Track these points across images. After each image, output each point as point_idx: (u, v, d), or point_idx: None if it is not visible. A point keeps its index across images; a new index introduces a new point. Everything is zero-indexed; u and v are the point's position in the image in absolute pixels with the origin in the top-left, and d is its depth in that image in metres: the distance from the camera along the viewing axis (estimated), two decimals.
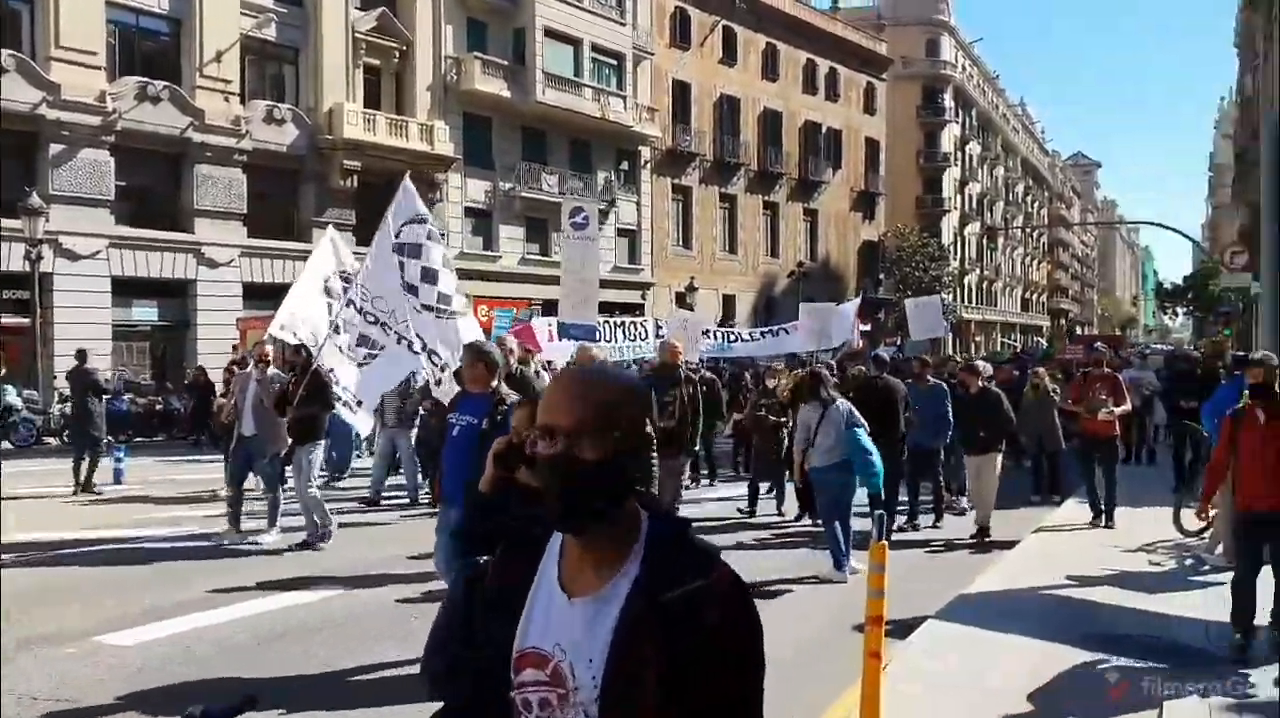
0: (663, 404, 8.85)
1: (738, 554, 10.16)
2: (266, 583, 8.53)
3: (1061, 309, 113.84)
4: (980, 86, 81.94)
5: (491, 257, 34.56)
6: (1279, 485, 6.28)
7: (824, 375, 9.82)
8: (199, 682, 5.97)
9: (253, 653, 6.64)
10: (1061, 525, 11.53)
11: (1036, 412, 13.95)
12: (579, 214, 14.75)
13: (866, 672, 5.20)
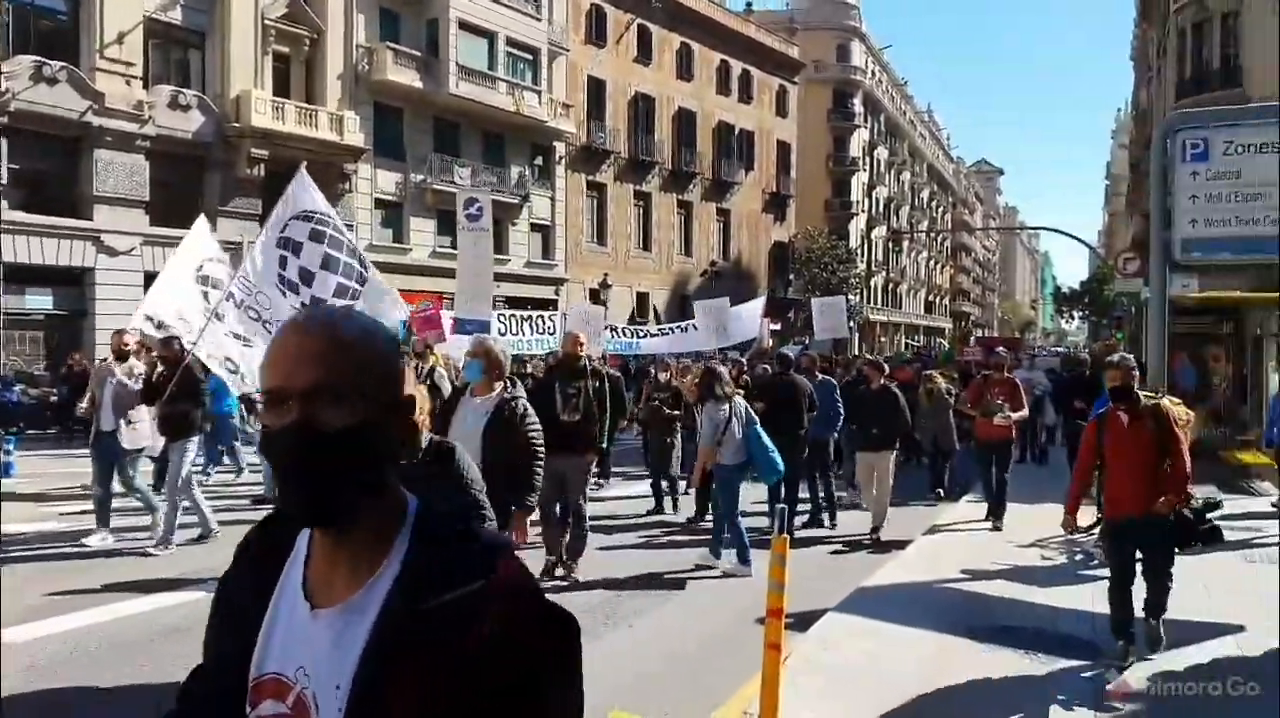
0: (567, 398, 8.58)
1: (642, 553, 10.28)
2: (160, 580, 8.37)
3: (964, 312, 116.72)
4: (889, 92, 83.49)
5: (402, 249, 34.14)
6: (1144, 488, 6.24)
7: (719, 373, 9.78)
8: (89, 680, 5.85)
9: (145, 649, 6.52)
10: (957, 523, 11.89)
11: (931, 413, 14.32)
12: (473, 205, 14.39)
13: (766, 663, 5.31)
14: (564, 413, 8.47)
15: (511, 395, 6.08)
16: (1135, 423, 6.36)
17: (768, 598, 5.41)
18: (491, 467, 5.42)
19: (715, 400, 9.32)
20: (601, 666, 6.47)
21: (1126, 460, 6.32)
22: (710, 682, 6.11)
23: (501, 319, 18.93)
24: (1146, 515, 6.17)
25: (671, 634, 7.25)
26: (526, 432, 6.04)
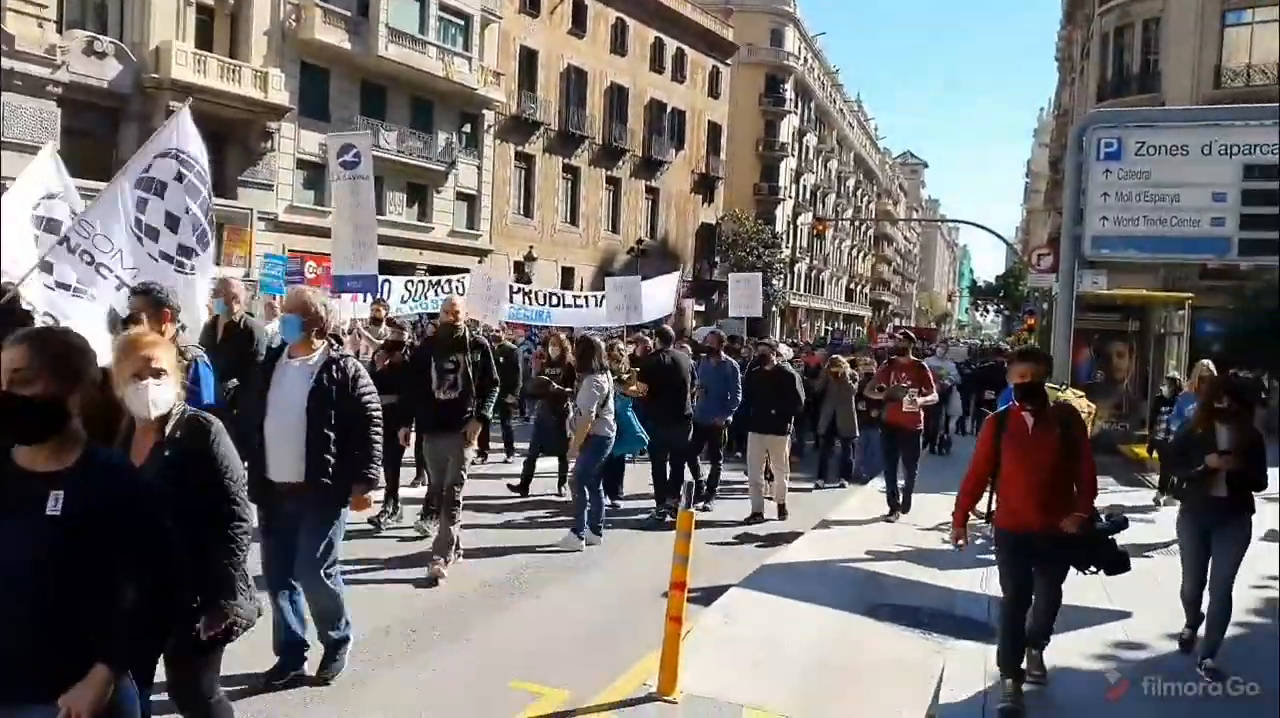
0: (443, 373, 7.78)
1: (549, 531, 10.23)
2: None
3: (883, 301, 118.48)
4: (820, 80, 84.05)
5: (324, 211, 33.32)
6: (1048, 499, 5.39)
7: (597, 344, 9.64)
8: None
9: None
10: (857, 512, 11.56)
11: (835, 397, 13.98)
12: (349, 151, 12.80)
13: (667, 636, 5.38)
14: (440, 389, 7.75)
15: (339, 354, 5.37)
16: (1042, 425, 5.49)
17: (671, 571, 5.47)
18: (320, 438, 5.13)
19: (593, 372, 9.22)
20: (505, 636, 6.47)
21: (1029, 466, 5.41)
22: (612, 653, 6.14)
23: (409, 285, 18.43)
24: (1048, 530, 5.34)
25: (575, 607, 7.27)
26: (360, 396, 5.33)
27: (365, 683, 5.43)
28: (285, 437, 5.16)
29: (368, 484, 5.38)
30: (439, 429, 7.79)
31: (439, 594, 7.23)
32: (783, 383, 11.13)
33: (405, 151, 36.09)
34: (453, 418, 7.75)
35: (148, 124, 27.35)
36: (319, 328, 5.38)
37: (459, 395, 7.76)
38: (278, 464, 5.18)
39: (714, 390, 11.41)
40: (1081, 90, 43.01)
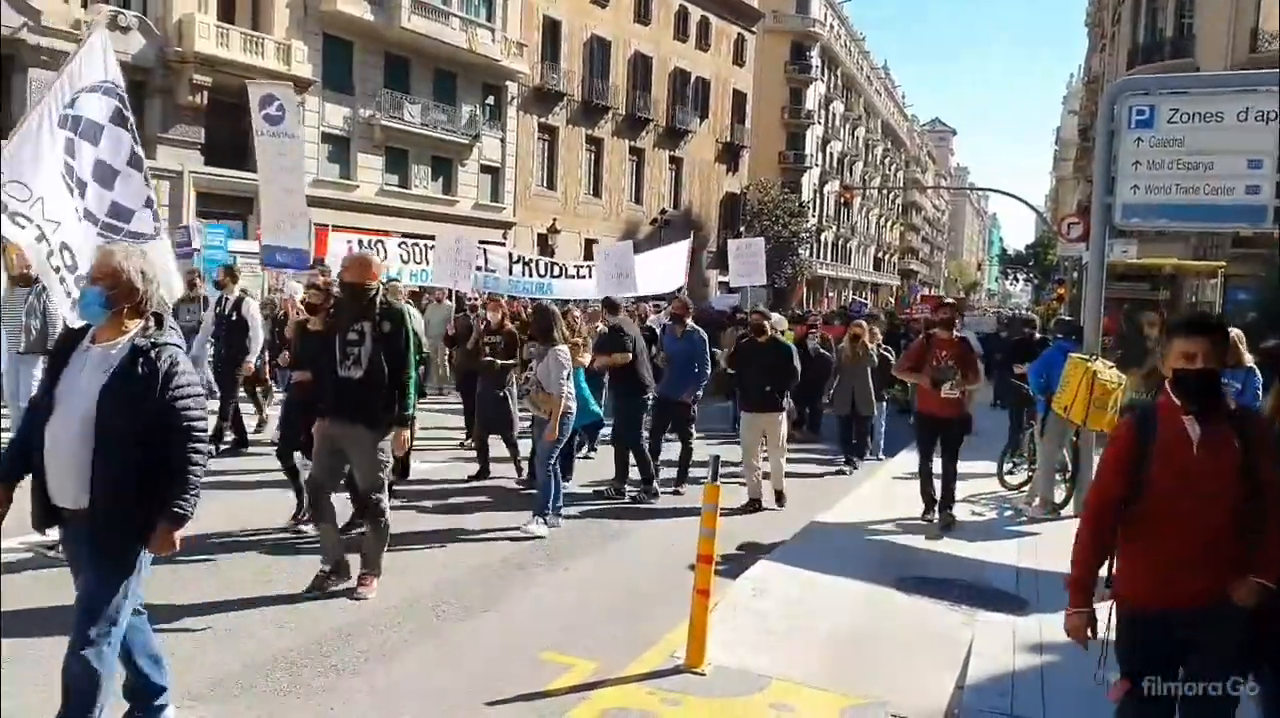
0: (345, 344, 6.32)
1: (586, 504, 10.22)
2: None
3: (911, 270, 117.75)
4: (847, 47, 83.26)
5: (349, 185, 33.55)
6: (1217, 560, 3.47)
7: (554, 312, 8.82)
8: None
9: None
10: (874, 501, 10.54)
11: (852, 370, 12.97)
12: (271, 104, 11.35)
13: (694, 608, 5.38)
14: (342, 366, 6.30)
15: (152, 342, 3.86)
16: (1213, 437, 3.51)
17: (699, 544, 5.46)
18: (110, 452, 3.74)
19: (555, 343, 8.46)
20: (533, 608, 6.49)
21: (1191, 504, 3.49)
22: (640, 626, 6.16)
23: (403, 247, 17.82)
24: (1213, 605, 3.54)
25: (602, 579, 7.28)
26: (173, 400, 3.82)
27: (394, 655, 5.46)
28: (68, 447, 3.79)
29: (173, 522, 3.84)
30: (337, 415, 6.36)
31: (467, 567, 7.26)
32: (777, 356, 10.13)
33: (429, 124, 36.06)
34: (354, 402, 6.27)
35: (171, 98, 27.57)
36: (132, 304, 3.96)
37: (364, 375, 6.26)
38: (59, 484, 3.83)
39: (678, 364, 10.60)
40: (1112, 56, 42.32)
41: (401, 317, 6.43)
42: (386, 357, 6.28)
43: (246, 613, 5.96)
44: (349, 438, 6.36)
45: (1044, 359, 10.46)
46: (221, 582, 6.57)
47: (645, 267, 17.56)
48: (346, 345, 6.29)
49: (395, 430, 6.40)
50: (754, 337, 10.38)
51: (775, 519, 9.52)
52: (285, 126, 11.34)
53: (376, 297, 6.39)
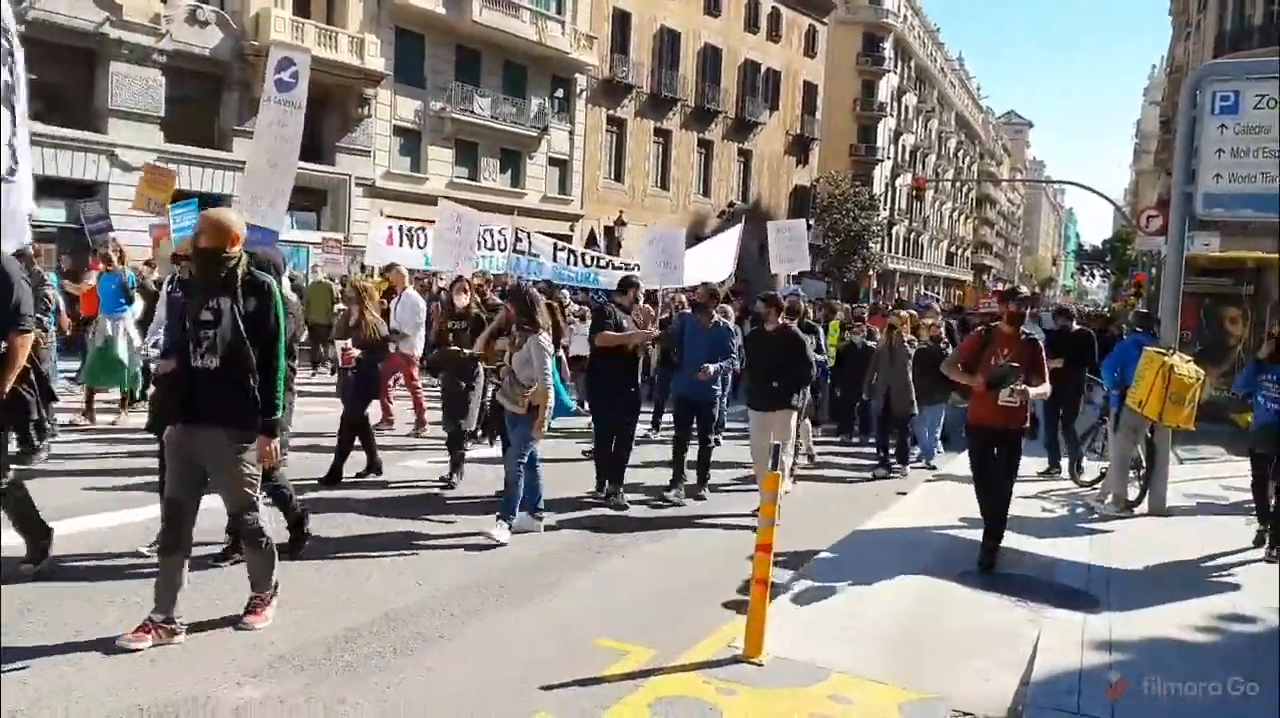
0: (199, 329, 5.01)
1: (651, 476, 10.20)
2: None
3: (985, 265, 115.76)
4: (920, 38, 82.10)
5: (419, 178, 33.92)
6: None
7: (536, 296, 8.07)
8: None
9: None
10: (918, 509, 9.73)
11: (889, 364, 11.85)
12: (287, 69, 10.46)
13: (754, 598, 5.32)
14: (196, 354, 5.01)
15: None
16: None
17: (758, 534, 5.40)
18: None
19: (538, 330, 7.66)
20: (590, 595, 6.47)
21: None
22: (698, 615, 6.10)
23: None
24: None
25: (660, 568, 7.24)
26: None
27: (451, 638, 5.48)
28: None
29: None
30: (191, 416, 5.09)
31: (524, 552, 7.26)
32: (787, 348, 8.93)
33: (499, 117, 36.29)
34: (208, 400, 5.03)
35: (248, 91, 28.02)
36: None
37: (220, 365, 5.00)
38: None
39: (699, 357, 9.37)
40: (1197, 44, 41.14)
41: (270, 291, 5.14)
42: (251, 342, 5.04)
43: (307, 593, 6.04)
44: (205, 446, 5.09)
45: (1118, 353, 10.20)
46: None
47: (697, 257, 16.97)
48: (200, 328, 5.00)
49: (260, 440, 5.13)
50: (759, 325, 9.25)
51: (820, 521, 9.38)
52: (294, 95, 10.51)
53: (238, 267, 5.08)
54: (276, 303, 5.16)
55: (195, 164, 26.94)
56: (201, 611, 5.40)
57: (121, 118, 25.47)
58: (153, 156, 25.68)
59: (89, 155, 24.87)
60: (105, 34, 24.73)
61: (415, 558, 6.95)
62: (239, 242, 5.16)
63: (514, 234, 17.46)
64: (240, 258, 5.13)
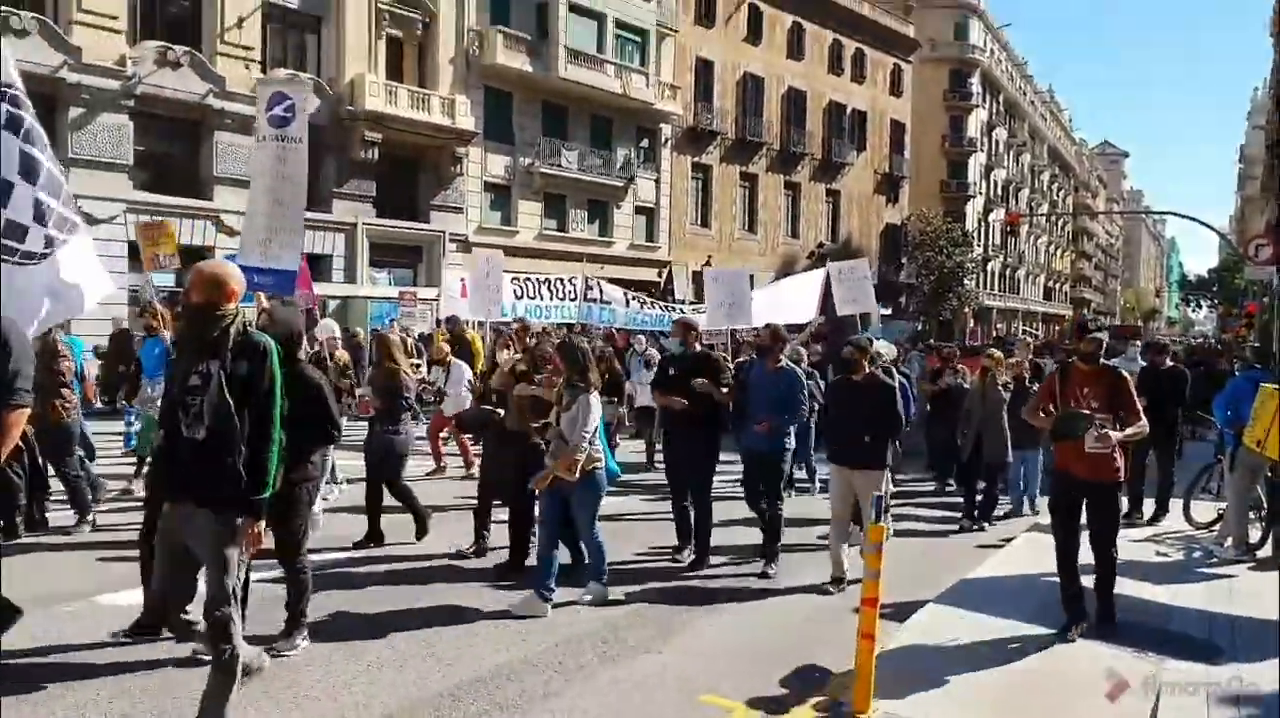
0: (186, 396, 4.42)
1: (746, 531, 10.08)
2: None
3: (1084, 299, 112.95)
4: (1008, 72, 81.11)
5: (509, 231, 34.55)
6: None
7: (586, 349, 7.46)
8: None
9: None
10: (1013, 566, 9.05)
11: (982, 409, 10.87)
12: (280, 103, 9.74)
13: (860, 653, 5.19)
14: (185, 425, 4.40)
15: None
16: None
17: (863, 587, 5.28)
18: None
19: (586, 389, 7.10)
20: (694, 649, 6.39)
21: None
22: (804, 670, 5.98)
23: (516, 282, 17.07)
24: None
25: (764, 621, 7.12)
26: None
27: (557, 694, 5.47)
28: None
29: None
30: (179, 492, 4.55)
31: (626, 606, 7.22)
32: (877, 398, 7.98)
33: (586, 169, 36.83)
34: (196, 475, 4.43)
35: (345, 155, 28.97)
36: None
37: (206, 435, 4.39)
38: None
39: (760, 407, 8.54)
40: None
41: (265, 353, 4.56)
42: (241, 410, 4.45)
43: (411, 649, 6.08)
44: (190, 527, 4.51)
45: (1231, 390, 9.81)
46: (388, 617, 6.72)
47: (769, 295, 16.59)
48: (187, 394, 4.45)
49: (244, 522, 4.50)
50: (847, 374, 8.27)
51: (916, 573, 9.12)
52: (292, 130, 9.85)
53: (231, 325, 4.53)
54: (272, 366, 4.57)
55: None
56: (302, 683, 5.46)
57: (226, 184, 26.48)
58: None
59: (196, 221, 25.86)
60: (209, 105, 25.82)
61: (505, 618, 6.89)
62: (235, 297, 4.60)
63: (584, 282, 17.22)
64: (236, 315, 4.56)
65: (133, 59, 24.35)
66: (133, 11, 25.07)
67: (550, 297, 16.67)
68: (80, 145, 23.67)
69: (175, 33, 25.74)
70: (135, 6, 25.23)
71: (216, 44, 26.17)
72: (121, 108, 24.30)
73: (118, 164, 24.39)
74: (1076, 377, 6.79)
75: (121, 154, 24.44)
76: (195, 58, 25.63)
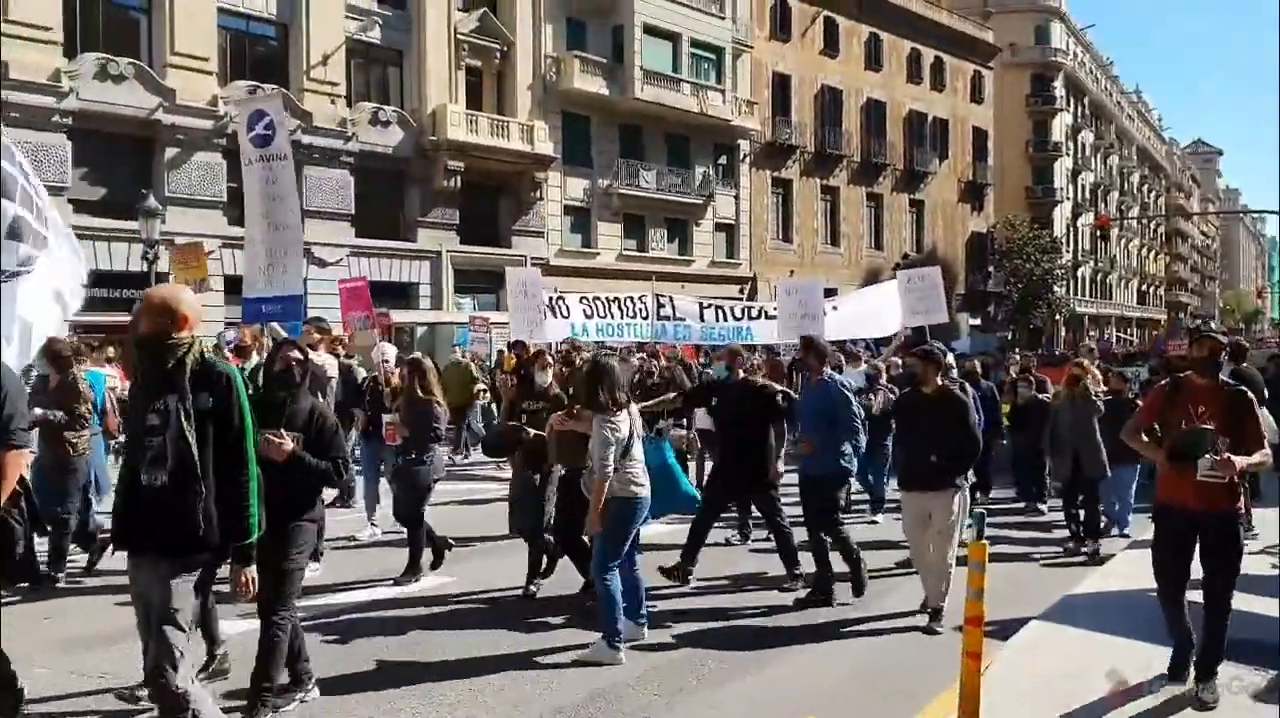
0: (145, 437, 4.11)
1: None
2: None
3: (1181, 302, 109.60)
4: (1092, 73, 79.40)
5: (590, 253, 34.76)
6: None
7: (607, 367, 6.70)
8: None
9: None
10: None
11: (1072, 421, 9.95)
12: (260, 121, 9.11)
13: (965, 672, 5.03)
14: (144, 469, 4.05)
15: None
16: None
17: (966, 606, 5.12)
18: None
19: (608, 408, 6.45)
20: (792, 671, 6.29)
21: None
22: (905, 691, 5.84)
23: (585, 302, 16.76)
24: None
25: (865, 643, 6.97)
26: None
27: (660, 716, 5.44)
28: None
29: None
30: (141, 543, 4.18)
31: (727, 627, 7.15)
32: (948, 415, 7.22)
33: (664, 189, 36.92)
34: (163, 521, 4.06)
35: (428, 185, 29.48)
36: None
37: (168, 481, 4.02)
38: None
39: (811, 426, 8.00)
40: None
41: (230, 384, 4.16)
42: (205, 447, 4.06)
43: (510, 673, 6.08)
44: (150, 577, 4.10)
45: None
46: (475, 642, 6.73)
47: (849, 307, 16.12)
48: (147, 434, 4.05)
49: (233, 569, 4.22)
50: (915, 388, 7.56)
51: (1012, 595, 8.78)
52: (275, 148, 9.17)
53: (187, 355, 4.12)
54: (239, 397, 4.18)
55: (383, 256, 28.48)
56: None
57: (316, 217, 27.11)
58: (345, 252, 27.31)
59: None
60: (298, 140, 26.44)
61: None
62: (189, 324, 4.19)
63: (655, 300, 16.55)
64: (191, 345, 4.16)
65: (224, 99, 25.11)
66: (223, 53, 25.90)
67: (621, 315, 16.27)
68: (176, 184, 24.45)
69: (263, 72, 26.53)
70: (226, 48, 26.07)
71: (303, 81, 26.86)
72: (214, 146, 25.05)
73: (212, 201, 25.12)
74: (1190, 392, 5.63)
75: (215, 191, 25.18)
76: (284, 95, 26.28)
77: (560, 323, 16.24)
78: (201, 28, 25.03)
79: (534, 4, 32.40)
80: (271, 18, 26.79)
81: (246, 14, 26.37)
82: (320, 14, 27.05)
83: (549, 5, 32.90)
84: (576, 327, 15.83)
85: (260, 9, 26.49)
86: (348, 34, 27.87)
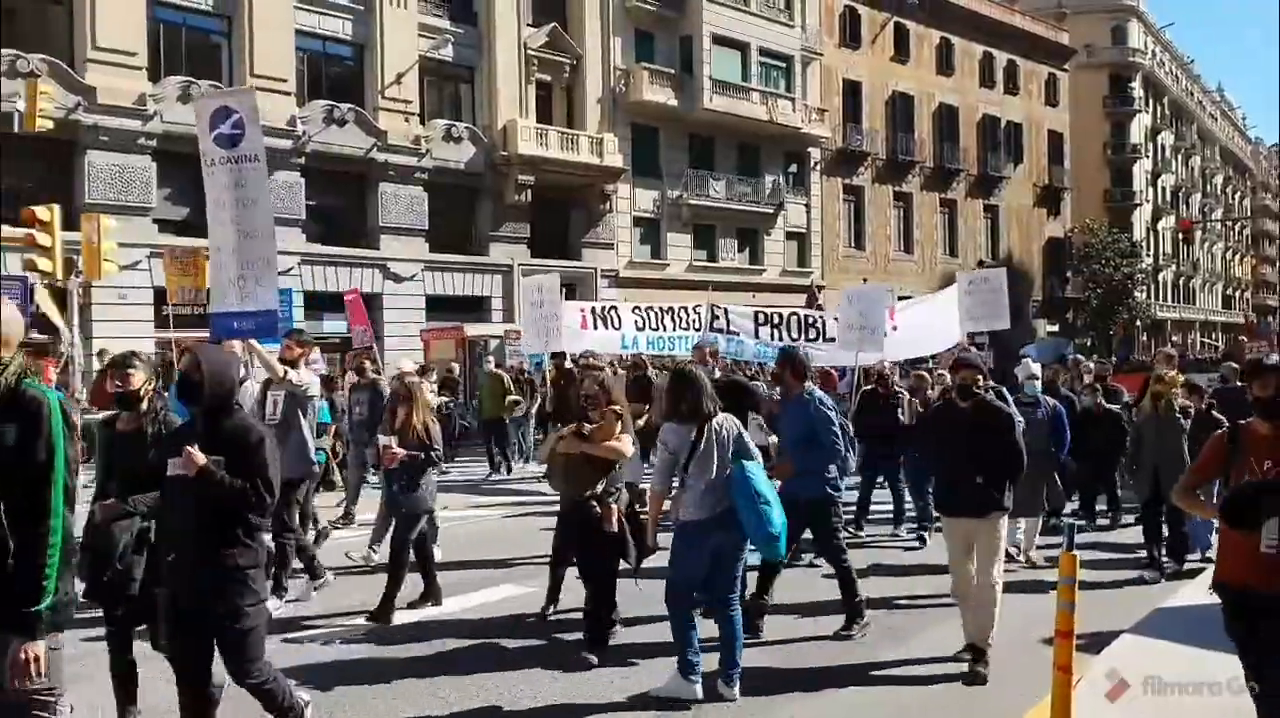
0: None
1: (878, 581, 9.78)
2: None
3: (1268, 306, 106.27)
4: (1172, 73, 77.53)
5: (660, 264, 34.82)
6: None
7: (694, 375, 6.25)
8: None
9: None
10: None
11: (1156, 437, 9.24)
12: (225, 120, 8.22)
13: (1056, 686, 4.94)
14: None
15: None
16: None
17: (1057, 618, 5.02)
18: None
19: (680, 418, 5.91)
20: (876, 686, 6.20)
21: None
22: (994, 705, 5.73)
23: (637, 312, 16.17)
24: None
25: (948, 655, 6.84)
26: None
27: None
28: None
29: None
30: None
31: (798, 643, 7.07)
32: (992, 428, 6.51)
33: (734, 198, 36.88)
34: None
35: (500, 199, 29.81)
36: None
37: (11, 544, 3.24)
38: None
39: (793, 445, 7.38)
40: None
41: (39, 411, 3.29)
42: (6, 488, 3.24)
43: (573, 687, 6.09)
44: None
45: None
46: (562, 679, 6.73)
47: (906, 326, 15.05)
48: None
49: (14, 643, 3.21)
50: (957, 400, 6.70)
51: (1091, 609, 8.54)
52: (245, 148, 8.25)
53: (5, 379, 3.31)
54: (53, 430, 3.29)
55: (456, 270, 28.86)
56: None
57: (391, 233, 27.61)
58: (420, 267, 27.73)
59: (364, 270, 26.98)
60: (374, 158, 27.00)
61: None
62: (10, 346, 3.39)
63: (709, 311, 15.62)
64: (10, 365, 3.34)
65: (302, 118, 25.66)
66: (300, 74, 26.48)
67: (674, 327, 15.56)
68: None
69: (339, 91, 27.08)
70: (303, 69, 26.66)
71: (378, 100, 27.37)
72: (293, 165, 25.59)
73: (292, 219, 25.62)
74: (1253, 444, 4.38)
75: (295, 209, 25.70)
76: (359, 114, 26.87)
77: (611, 334, 15.80)
78: (280, 50, 25.63)
79: (603, 17, 32.63)
80: (348, 38, 27.35)
81: (324, 35, 26.96)
82: (394, 34, 27.54)
83: (617, 18, 33.12)
84: (627, 338, 15.37)
85: (337, 30, 27.06)
86: (421, 52, 28.34)
